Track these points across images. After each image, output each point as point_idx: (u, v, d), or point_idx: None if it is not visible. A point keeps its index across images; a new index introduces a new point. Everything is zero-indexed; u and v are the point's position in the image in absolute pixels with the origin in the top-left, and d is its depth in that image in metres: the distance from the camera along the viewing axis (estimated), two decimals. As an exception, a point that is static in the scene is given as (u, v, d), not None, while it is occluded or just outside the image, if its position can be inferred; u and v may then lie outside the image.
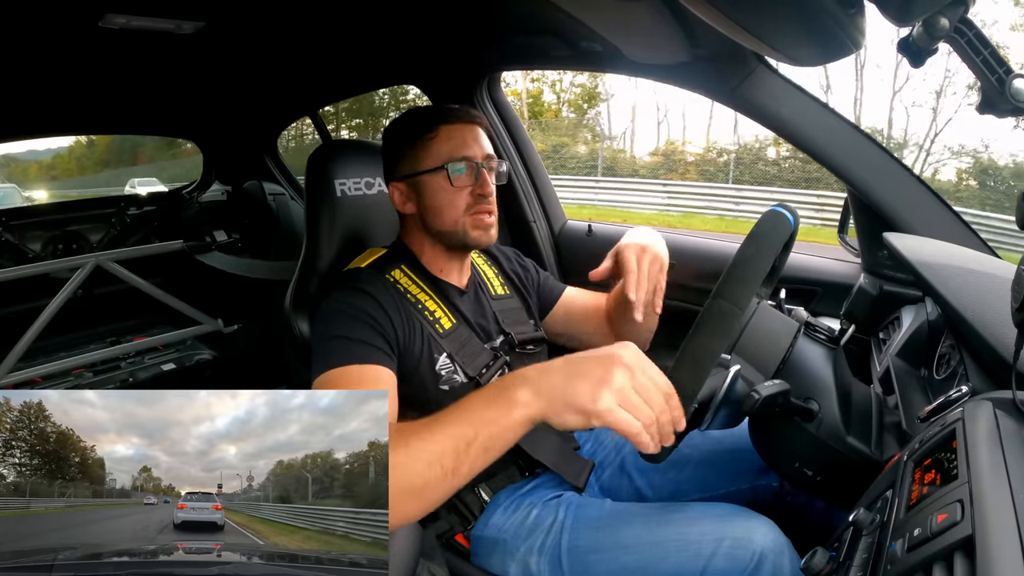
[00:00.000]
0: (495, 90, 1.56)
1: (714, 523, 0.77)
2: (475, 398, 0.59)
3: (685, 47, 1.01)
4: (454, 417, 0.58)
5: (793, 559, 0.73)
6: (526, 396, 0.57)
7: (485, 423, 0.57)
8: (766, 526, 0.75)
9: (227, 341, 2.32)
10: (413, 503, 0.57)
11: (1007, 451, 0.46)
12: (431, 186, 0.92)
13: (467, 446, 0.56)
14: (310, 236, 1.10)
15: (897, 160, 1.03)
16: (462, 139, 0.91)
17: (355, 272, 0.92)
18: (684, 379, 0.60)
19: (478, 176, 0.91)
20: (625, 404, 0.55)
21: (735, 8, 0.61)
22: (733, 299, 0.62)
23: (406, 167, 0.94)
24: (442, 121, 0.92)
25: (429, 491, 0.57)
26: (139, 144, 7.39)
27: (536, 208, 1.60)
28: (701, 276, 1.32)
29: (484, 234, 0.93)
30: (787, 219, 0.68)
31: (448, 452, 0.56)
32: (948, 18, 0.61)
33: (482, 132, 0.95)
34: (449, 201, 0.91)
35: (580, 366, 0.57)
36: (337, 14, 1.28)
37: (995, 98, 0.64)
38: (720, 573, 0.73)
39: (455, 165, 0.90)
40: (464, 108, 0.94)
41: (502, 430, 0.57)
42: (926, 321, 0.84)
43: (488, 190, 0.92)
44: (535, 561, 0.85)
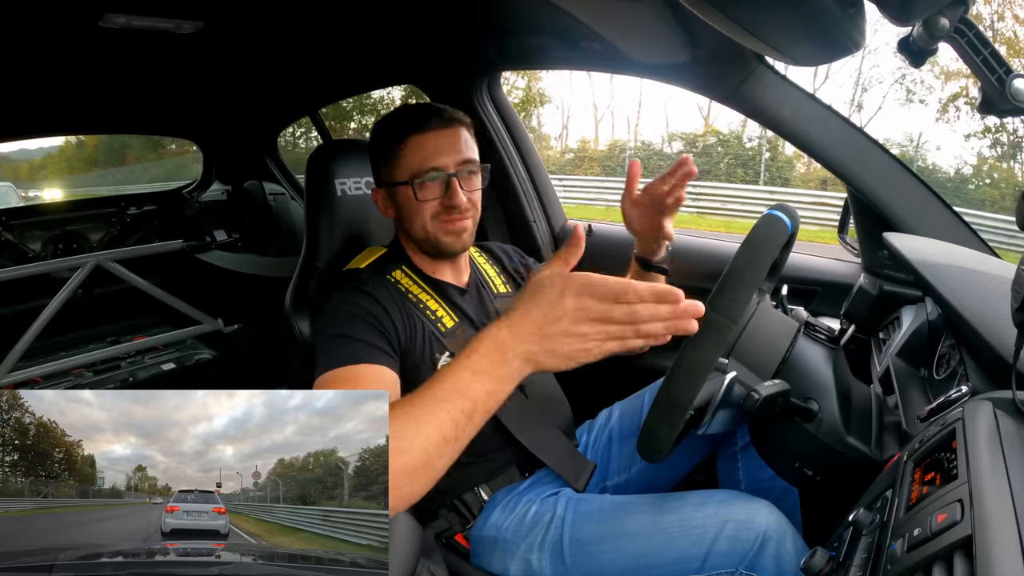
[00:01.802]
0: (495, 90, 1.56)
1: (716, 507, 0.77)
2: (463, 370, 0.57)
3: (685, 47, 1.01)
4: (447, 392, 0.56)
5: (796, 540, 0.73)
6: (517, 364, 0.56)
7: (482, 397, 0.56)
8: (768, 508, 0.76)
9: (227, 341, 2.32)
10: (417, 480, 0.55)
11: (1007, 451, 0.46)
12: (400, 197, 0.92)
13: (467, 419, 0.56)
14: (310, 236, 1.10)
15: (897, 160, 1.03)
16: (432, 149, 0.88)
17: (355, 272, 0.92)
18: (678, 390, 0.61)
19: (448, 187, 0.89)
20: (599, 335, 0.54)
21: (735, 8, 0.61)
22: (726, 312, 0.62)
23: (382, 175, 0.94)
24: (412, 130, 0.88)
25: (431, 465, 0.55)
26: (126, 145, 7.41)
27: (536, 208, 1.60)
28: (701, 276, 1.32)
29: (456, 239, 0.92)
30: (783, 223, 0.68)
31: (447, 424, 0.55)
32: (948, 18, 0.61)
33: (462, 135, 0.90)
34: (417, 211, 0.90)
35: (545, 327, 0.55)
36: (337, 14, 1.27)
37: (995, 98, 0.64)
38: (724, 555, 0.73)
39: (420, 179, 0.88)
40: (443, 111, 0.90)
41: (496, 402, 0.57)
42: (926, 321, 0.84)
43: (456, 201, 0.89)
44: (536, 558, 0.85)
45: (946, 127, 14.77)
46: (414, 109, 0.92)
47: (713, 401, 0.69)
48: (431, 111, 0.90)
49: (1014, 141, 13.48)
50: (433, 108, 0.91)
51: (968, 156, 14.29)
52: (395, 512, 0.56)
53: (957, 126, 14.96)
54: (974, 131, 13.98)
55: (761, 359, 0.76)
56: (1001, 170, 13.32)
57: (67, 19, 1.15)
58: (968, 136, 14.35)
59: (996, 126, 13.50)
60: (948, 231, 0.99)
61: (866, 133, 1.04)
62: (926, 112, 15.28)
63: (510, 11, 1.23)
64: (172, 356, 2.29)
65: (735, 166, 14.53)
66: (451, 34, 1.38)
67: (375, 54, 1.55)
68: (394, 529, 0.66)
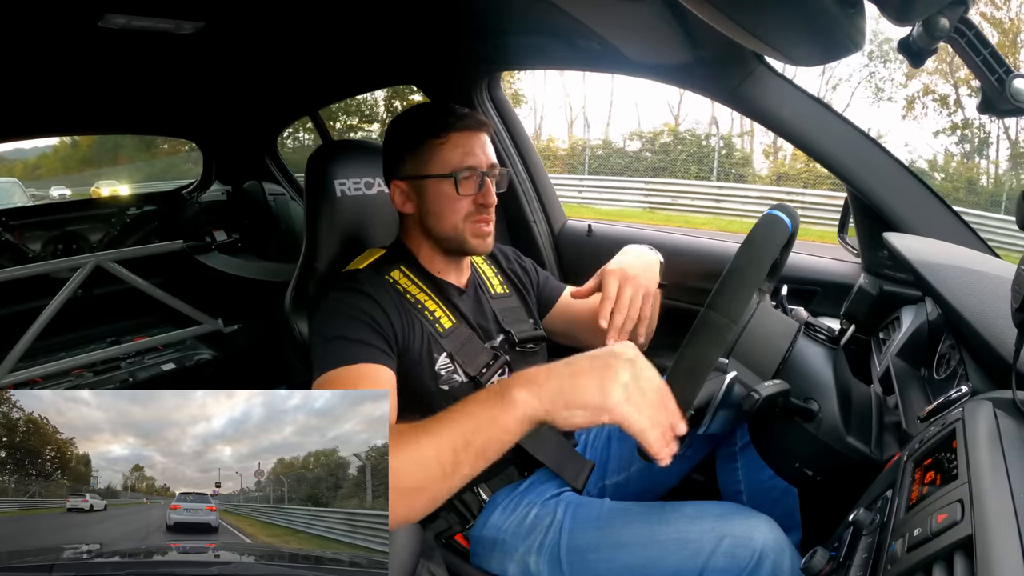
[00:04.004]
0: (495, 90, 1.56)
1: (714, 522, 0.77)
2: (475, 399, 0.59)
3: (685, 47, 1.01)
4: (454, 417, 0.58)
5: (793, 557, 0.73)
6: (526, 396, 0.57)
7: (485, 422, 0.57)
8: (766, 524, 0.75)
9: (227, 341, 2.32)
10: (413, 503, 0.57)
11: (1007, 451, 0.46)
12: (434, 191, 0.91)
13: (466, 446, 0.56)
14: (310, 236, 1.10)
15: (897, 160, 1.03)
16: (471, 147, 0.90)
17: (353, 273, 0.92)
18: (679, 389, 0.61)
19: (481, 185, 0.91)
20: (631, 400, 0.55)
21: (735, 8, 0.61)
22: (726, 312, 0.62)
23: (410, 168, 0.93)
24: (453, 127, 0.90)
25: (429, 491, 0.57)
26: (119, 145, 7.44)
27: (536, 208, 1.60)
28: (701, 276, 1.32)
29: (482, 242, 0.93)
30: (783, 223, 0.68)
31: (447, 452, 0.56)
32: (948, 18, 0.61)
33: (488, 140, 0.94)
34: (451, 208, 0.91)
35: (583, 364, 0.57)
36: (337, 14, 1.27)
37: (995, 98, 0.64)
38: (720, 571, 0.73)
39: (463, 174, 0.89)
40: (473, 114, 0.93)
41: (501, 431, 0.57)
42: (926, 321, 0.84)
43: (491, 200, 0.91)
44: (534, 561, 0.85)
45: (914, 124, 14.95)
46: (449, 107, 0.93)
47: (713, 401, 0.69)
48: (465, 112, 0.92)
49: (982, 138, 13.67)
50: (465, 110, 0.93)
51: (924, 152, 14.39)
52: (395, 527, 0.56)
53: (925, 123, 15.15)
54: (942, 127, 14.23)
55: (761, 359, 0.75)
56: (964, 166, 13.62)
57: (67, 19, 1.15)
58: (937, 133, 14.58)
59: (963, 121, 13.69)
60: (948, 231, 0.99)
61: (866, 133, 1.04)
62: (895, 110, 15.46)
63: (510, 11, 1.23)
64: (172, 356, 2.29)
65: (690, 163, 15.18)
66: (451, 34, 1.38)
67: (375, 54, 1.55)
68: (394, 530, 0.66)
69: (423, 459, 0.56)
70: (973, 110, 14.16)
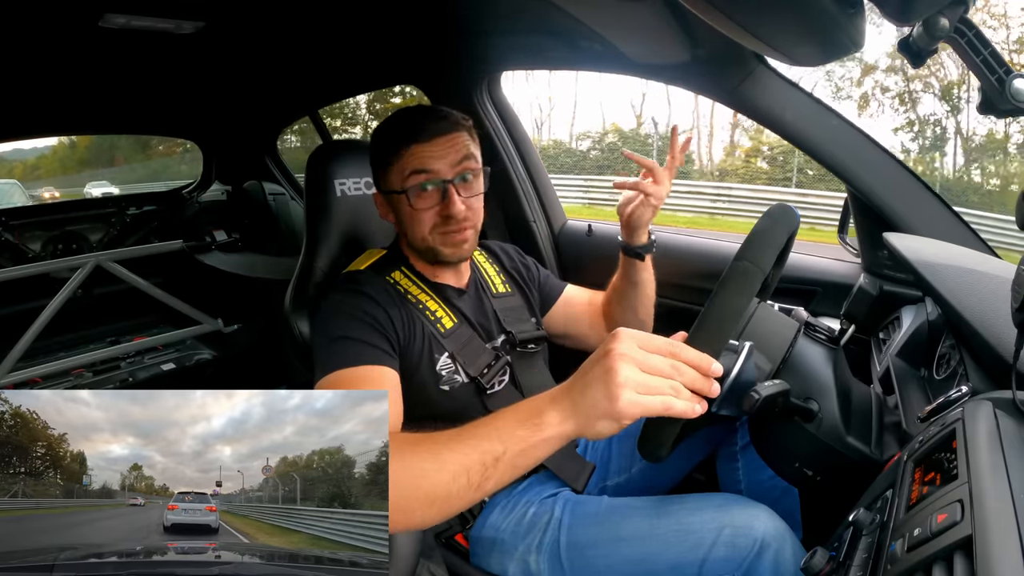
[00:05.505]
0: (495, 90, 1.56)
1: (714, 512, 0.77)
2: (506, 416, 0.59)
3: (685, 47, 1.01)
4: (484, 432, 0.58)
5: (795, 546, 0.73)
6: (556, 418, 0.57)
7: (515, 441, 0.57)
8: (767, 514, 0.75)
9: (227, 341, 2.33)
10: (433, 511, 0.58)
11: (1007, 451, 0.46)
12: (396, 206, 0.92)
13: (495, 461, 0.57)
14: (310, 236, 1.10)
15: (897, 160, 1.03)
16: (428, 157, 0.86)
17: (354, 274, 0.92)
18: (707, 338, 0.61)
19: (444, 195, 0.87)
20: (642, 389, 0.54)
21: (735, 8, 0.61)
22: (755, 260, 0.64)
23: (380, 181, 0.93)
24: (408, 139, 0.87)
25: (452, 501, 0.57)
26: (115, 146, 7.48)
27: (536, 208, 1.60)
28: (700, 276, 1.32)
29: (456, 250, 0.91)
30: (795, 211, 0.71)
31: (476, 466, 0.57)
32: (948, 18, 0.61)
33: (461, 140, 0.88)
34: (415, 221, 0.89)
35: (587, 375, 0.57)
36: (337, 14, 1.27)
37: (995, 98, 0.64)
38: (721, 561, 0.73)
39: (415, 189, 0.87)
40: (441, 116, 0.88)
41: (531, 448, 0.57)
42: (926, 321, 0.84)
43: (453, 211, 0.87)
44: (534, 559, 0.85)
45: (870, 121, 15.03)
46: (412, 114, 0.90)
47: (730, 375, 0.68)
48: (428, 117, 0.88)
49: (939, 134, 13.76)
50: (431, 113, 0.89)
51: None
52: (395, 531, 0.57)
53: (882, 120, 15.23)
54: (900, 124, 14.33)
55: (761, 359, 0.75)
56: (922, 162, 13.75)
57: (67, 19, 1.15)
58: (896, 130, 14.66)
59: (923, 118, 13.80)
60: (948, 231, 0.99)
61: (866, 133, 1.04)
62: (853, 108, 15.54)
63: (510, 11, 1.23)
64: (172, 356, 2.29)
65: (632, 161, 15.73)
66: (451, 34, 1.38)
67: (375, 54, 1.55)
68: (394, 529, 0.66)
69: (451, 471, 0.56)
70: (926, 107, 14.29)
